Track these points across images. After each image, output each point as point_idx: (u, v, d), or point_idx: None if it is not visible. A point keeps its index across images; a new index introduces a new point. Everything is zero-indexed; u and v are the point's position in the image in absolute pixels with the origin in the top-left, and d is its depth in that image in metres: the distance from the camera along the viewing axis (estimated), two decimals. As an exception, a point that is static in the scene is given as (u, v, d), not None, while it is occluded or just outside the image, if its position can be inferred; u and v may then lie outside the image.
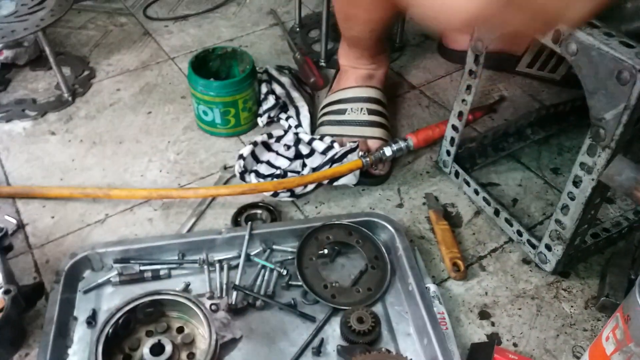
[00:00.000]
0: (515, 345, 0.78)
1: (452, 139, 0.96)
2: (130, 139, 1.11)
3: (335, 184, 0.98)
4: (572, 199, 0.74)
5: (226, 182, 1.03)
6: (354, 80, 1.09)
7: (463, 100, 0.90)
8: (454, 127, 0.95)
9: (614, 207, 0.96)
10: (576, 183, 0.73)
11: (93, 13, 1.50)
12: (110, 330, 0.73)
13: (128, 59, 1.33)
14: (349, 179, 0.98)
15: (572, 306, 0.83)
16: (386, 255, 0.86)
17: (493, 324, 0.81)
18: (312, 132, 1.10)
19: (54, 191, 0.98)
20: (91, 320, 0.80)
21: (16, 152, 1.09)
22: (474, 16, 0.44)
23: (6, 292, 0.76)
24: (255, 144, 1.02)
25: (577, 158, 0.71)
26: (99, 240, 0.91)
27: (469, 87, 0.88)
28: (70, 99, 1.20)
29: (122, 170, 1.05)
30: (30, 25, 1.07)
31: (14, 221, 0.95)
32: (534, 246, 0.86)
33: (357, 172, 0.98)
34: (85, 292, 0.83)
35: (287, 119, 1.13)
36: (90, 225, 0.95)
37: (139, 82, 1.26)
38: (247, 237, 0.88)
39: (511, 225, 0.90)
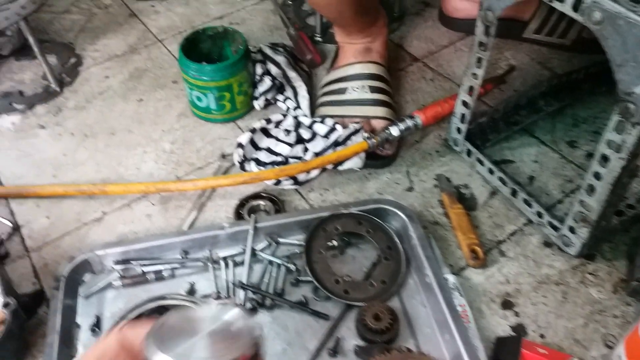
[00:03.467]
0: (542, 336, 0.74)
1: (463, 115, 0.91)
2: (123, 130, 1.06)
3: (340, 168, 0.93)
4: (599, 179, 0.69)
5: (225, 172, 0.98)
6: (352, 55, 1.03)
7: (473, 74, 0.84)
8: (465, 103, 0.89)
9: (637, 181, 0.91)
10: (603, 162, 0.68)
11: (76, -5, 1.43)
12: (114, 340, 0.69)
13: (115, 44, 1.26)
14: (355, 163, 0.93)
15: (599, 291, 0.79)
16: (399, 244, 0.82)
17: (517, 314, 0.77)
18: (312, 113, 1.05)
19: (48, 190, 0.94)
20: (95, 328, 0.76)
21: (6, 149, 1.03)
22: None
23: (5, 305, 0.72)
24: (253, 130, 0.97)
25: (603, 135, 0.66)
26: (98, 240, 0.87)
27: (479, 60, 0.82)
28: (58, 89, 1.14)
29: (116, 164, 0.99)
30: (11, 14, 1.01)
31: (9, 224, 0.91)
32: (556, 228, 0.82)
33: (363, 155, 0.93)
34: (87, 297, 0.79)
35: (284, 100, 1.07)
36: (88, 225, 0.90)
37: (128, 67, 1.20)
38: (251, 231, 0.83)
39: (530, 206, 0.85)
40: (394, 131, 0.92)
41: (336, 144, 0.93)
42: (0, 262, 0.84)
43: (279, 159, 0.95)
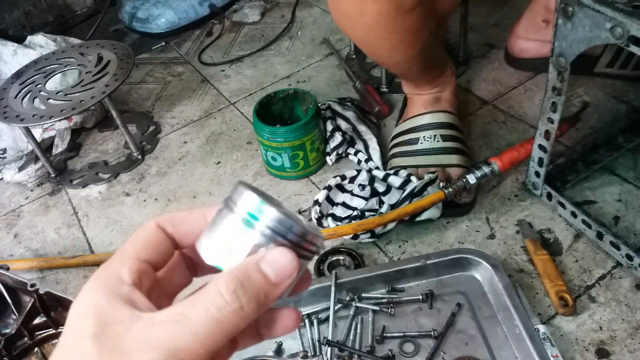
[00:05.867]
0: (645, 387, 0.71)
1: (541, 159, 0.89)
2: (203, 192, 1.10)
3: (417, 219, 0.93)
4: (694, 220, 0.66)
5: (303, 228, 0.99)
6: (422, 106, 1.04)
7: (549, 119, 0.83)
8: (542, 147, 0.88)
9: None
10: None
11: (150, 65, 1.52)
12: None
13: (190, 109, 1.33)
14: (432, 213, 0.93)
15: (703, 335, 0.75)
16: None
17: (615, 363, 0.74)
18: (384, 164, 1.06)
19: (135, 256, 0.98)
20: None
21: (95, 218, 1.10)
22: None
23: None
24: (329, 188, 0.99)
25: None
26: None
27: (554, 104, 0.82)
28: (139, 157, 1.21)
29: (199, 227, 1.03)
30: (96, 93, 1.09)
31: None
32: (649, 271, 0.78)
33: (440, 205, 0.93)
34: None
35: (355, 153, 1.09)
36: (175, 288, 0.94)
37: (204, 131, 1.25)
38: (333, 287, 0.84)
39: (618, 248, 0.82)
40: (471, 179, 0.92)
41: (412, 195, 0.93)
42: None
43: (355, 213, 0.96)
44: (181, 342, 0.28)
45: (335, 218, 0.96)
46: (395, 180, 0.97)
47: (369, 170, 1.01)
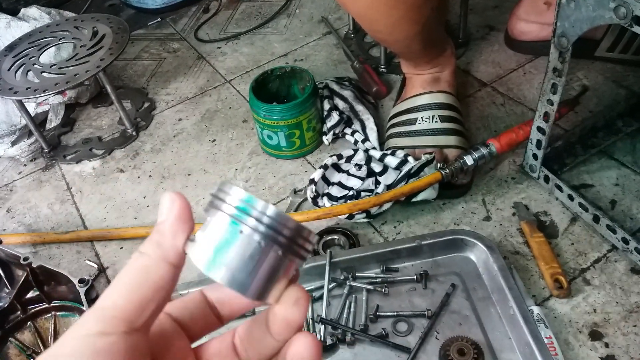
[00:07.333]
0: (636, 368, 0.71)
1: (539, 141, 0.89)
2: (198, 170, 1.10)
3: (413, 200, 0.93)
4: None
5: (298, 207, 0.99)
6: (420, 86, 1.03)
7: (549, 100, 0.83)
8: (540, 129, 0.87)
9: None
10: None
11: (146, 41, 1.50)
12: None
13: (185, 86, 1.32)
14: (429, 194, 0.92)
15: (696, 319, 0.75)
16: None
17: (607, 345, 0.74)
18: (381, 144, 1.05)
19: (130, 232, 0.98)
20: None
21: (89, 194, 1.09)
22: None
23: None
24: (325, 167, 0.98)
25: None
26: (183, 279, 0.89)
27: (554, 86, 0.81)
28: (134, 133, 1.20)
29: (194, 204, 1.03)
30: (91, 66, 1.07)
31: (95, 266, 0.95)
32: (644, 254, 0.78)
33: (437, 186, 0.92)
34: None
35: (352, 133, 1.08)
36: (168, 264, 0.93)
37: (200, 109, 1.24)
38: (327, 266, 0.84)
39: (614, 232, 0.82)
40: (468, 160, 0.91)
41: (409, 175, 0.93)
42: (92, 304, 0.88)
43: (350, 193, 0.96)
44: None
45: (331, 197, 0.96)
46: (392, 161, 0.96)
47: (366, 150, 1.00)
